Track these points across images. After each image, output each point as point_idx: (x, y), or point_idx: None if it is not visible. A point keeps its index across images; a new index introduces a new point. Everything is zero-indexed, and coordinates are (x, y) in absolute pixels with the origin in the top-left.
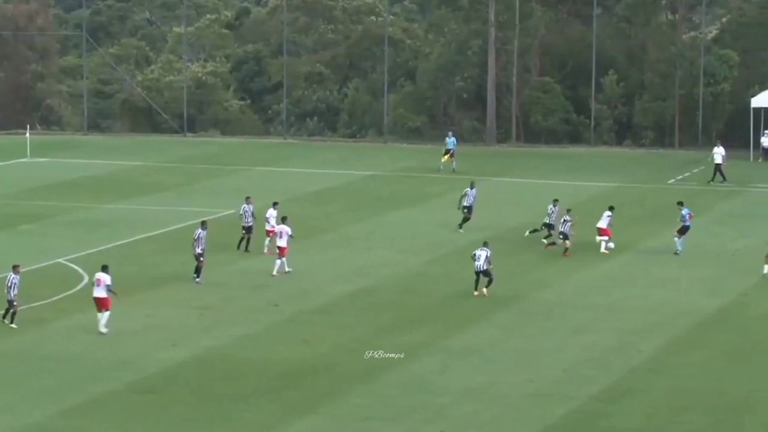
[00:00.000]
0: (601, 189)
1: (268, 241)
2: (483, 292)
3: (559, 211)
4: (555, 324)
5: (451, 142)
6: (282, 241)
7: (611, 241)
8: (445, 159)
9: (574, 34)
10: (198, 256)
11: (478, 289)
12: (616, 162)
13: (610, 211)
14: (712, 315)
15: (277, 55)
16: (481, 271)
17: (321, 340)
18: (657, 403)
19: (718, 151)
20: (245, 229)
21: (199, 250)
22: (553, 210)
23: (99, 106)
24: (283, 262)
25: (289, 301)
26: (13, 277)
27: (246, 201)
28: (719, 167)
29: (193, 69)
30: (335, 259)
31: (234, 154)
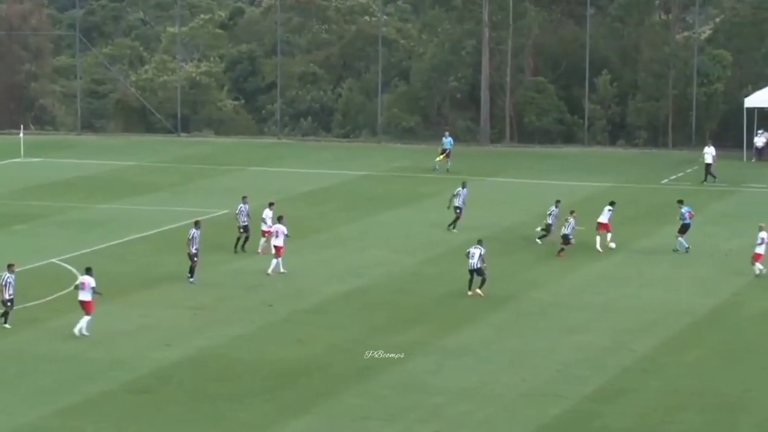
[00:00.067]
0: (594, 189)
1: (263, 241)
2: (477, 293)
3: (560, 213)
4: (549, 324)
5: (448, 142)
6: (279, 240)
7: (612, 241)
8: (440, 158)
9: (568, 34)
10: (192, 256)
11: (472, 289)
12: (609, 162)
13: (611, 206)
14: (706, 315)
15: (271, 55)
16: (474, 270)
17: (315, 340)
18: (650, 403)
19: (709, 151)
20: (242, 229)
21: (193, 250)
22: (553, 210)
23: (93, 106)
24: (278, 261)
25: (283, 301)
26: (8, 276)
27: (242, 200)
28: (709, 167)
29: (187, 69)
30: (329, 259)
31: (228, 154)
